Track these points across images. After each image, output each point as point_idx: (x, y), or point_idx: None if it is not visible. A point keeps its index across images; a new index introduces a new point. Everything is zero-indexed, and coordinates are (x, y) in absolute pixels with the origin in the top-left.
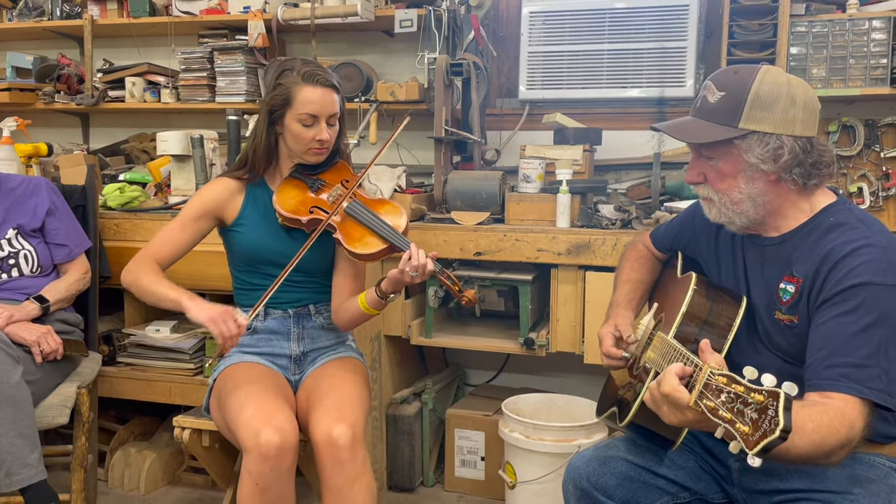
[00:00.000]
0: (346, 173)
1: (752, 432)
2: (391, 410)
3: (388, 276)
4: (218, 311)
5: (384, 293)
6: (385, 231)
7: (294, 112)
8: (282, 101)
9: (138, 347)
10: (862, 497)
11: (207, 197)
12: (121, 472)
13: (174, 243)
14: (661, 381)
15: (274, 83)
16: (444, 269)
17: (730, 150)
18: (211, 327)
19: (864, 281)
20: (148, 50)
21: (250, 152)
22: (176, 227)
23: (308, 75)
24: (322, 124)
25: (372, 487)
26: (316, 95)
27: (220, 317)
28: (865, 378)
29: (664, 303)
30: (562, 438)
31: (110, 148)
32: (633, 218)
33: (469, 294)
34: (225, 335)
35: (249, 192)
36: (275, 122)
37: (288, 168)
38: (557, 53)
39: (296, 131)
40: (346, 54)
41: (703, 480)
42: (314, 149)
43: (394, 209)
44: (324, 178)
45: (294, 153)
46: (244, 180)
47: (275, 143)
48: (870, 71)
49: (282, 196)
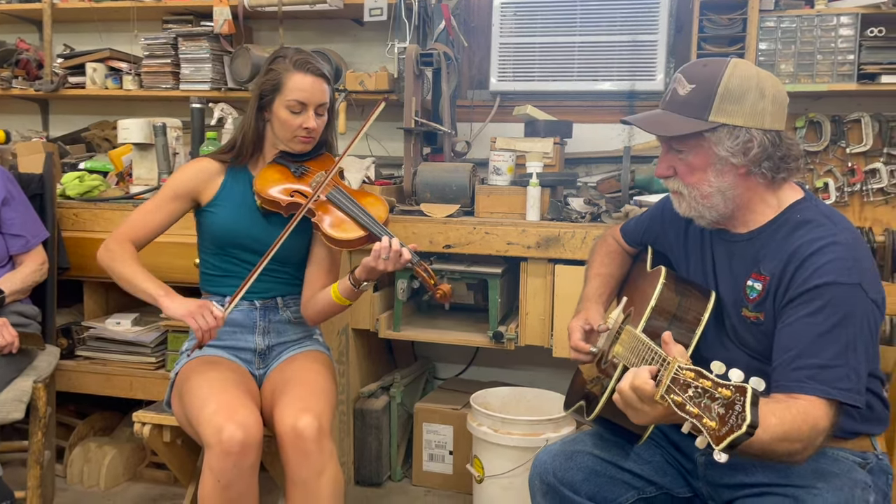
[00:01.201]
0: (330, 165)
1: (718, 427)
2: (359, 404)
3: (362, 262)
4: (195, 305)
5: (357, 280)
6: (365, 220)
7: (283, 98)
8: (271, 87)
9: (98, 341)
10: (826, 491)
11: (186, 176)
12: (80, 468)
13: (150, 223)
14: (634, 375)
15: (266, 69)
16: (422, 262)
17: (700, 144)
18: (189, 321)
19: (830, 280)
20: (110, 35)
21: (238, 137)
22: (152, 206)
23: (300, 63)
24: (310, 113)
25: (338, 480)
26: (306, 83)
27: (198, 311)
28: (833, 378)
29: (633, 297)
30: (530, 432)
31: (71, 136)
32: (602, 211)
33: (444, 288)
34: (203, 328)
35: (229, 174)
36: (264, 108)
37: (272, 155)
38: (529, 45)
39: (283, 118)
40: (314, 43)
41: (669, 475)
42: (300, 137)
43: (376, 200)
44: (308, 166)
45: (280, 141)
46: (226, 163)
47: (262, 130)
48: (837, 67)
49: (263, 178)
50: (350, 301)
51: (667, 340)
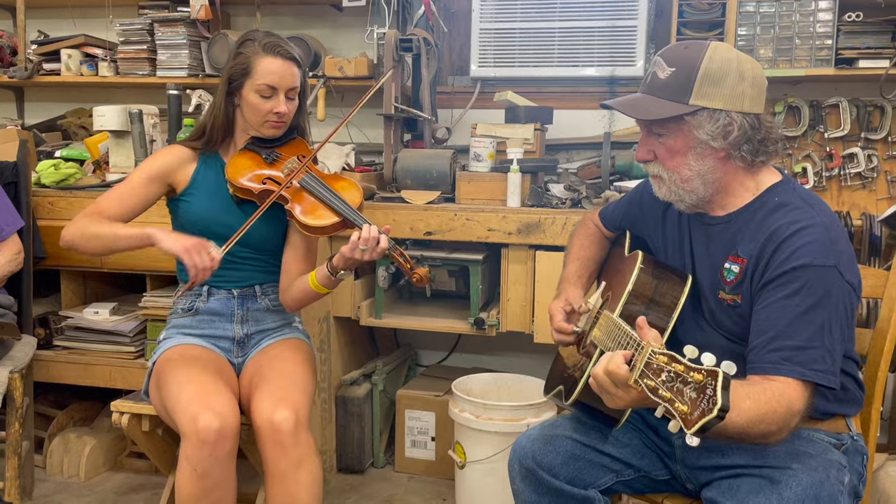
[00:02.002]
0: (303, 149)
1: (690, 411)
2: (340, 392)
3: (340, 251)
4: (192, 242)
5: (335, 269)
6: (338, 206)
7: (253, 82)
8: (241, 71)
9: (76, 330)
10: (801, 472)
11: (160, 161)
12: (60, 458)
13: (122, 205)
14: (609, 360)
15: (235, 52)
16: (397, 247)
17: (680, 127)
18: (185, 258)
19: (807, 263)
20: (85, 21)
21: (209, 122)
22: (124, 190)
23: (269, 46)
24: (280, 97)
25: (317, 472)
26: (276, 66)
27: (195, 247)
28: (808, 360)
29: (612, 281)
30: (511, 418)
31: (46, 123)
32: (583, 197)
33: (421, 272)
34: (199, 266)
35: (202, 162)
36: (233, 92)
37: (243, 141)
38: (509, 31)
39: (253, 102)
40: (292, 28)
41: (647, 458)
42: (271, 121)
43: (349, 185)
44: (280, 152)
45: (251, 126)
46: (198, 150)
47: (232, 115)
48: (815, 52)
49: (235, 166)
50: (328, 289)
51: (641, 325)
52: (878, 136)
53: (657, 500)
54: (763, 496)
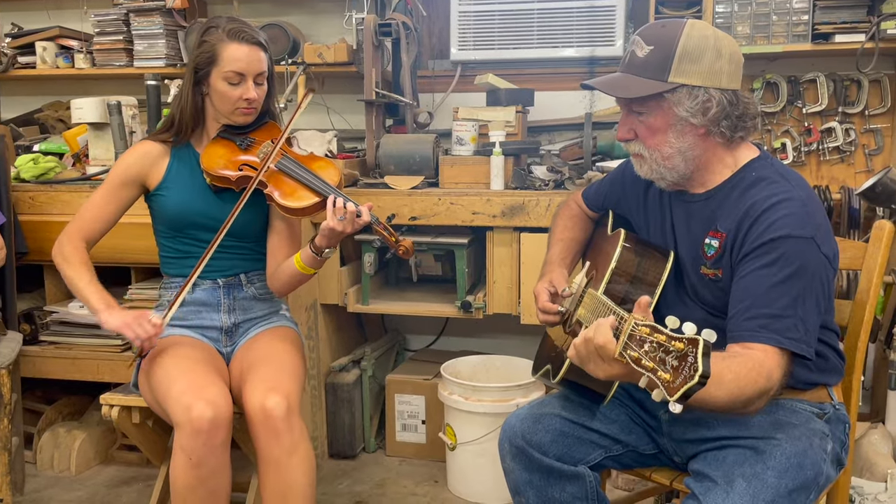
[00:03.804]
0: (276, 133)
1: (672, 379)
2: (330, 379)
3: (320, 228)
4: (132, 316)
5: (318, 248)
6: (317, 185)
7: (220, 70)
8: (207, 60)
9: (62, 325)
10: (784, 441)
11: (129, 162)
12: (50, 453)
13: (101, 217)
14: (595, 332)
15: (199, 41)
16: (380, 221)
17: (660, 105)
18: (126, 332)
19: (784, 234)
20: (59, 13)
21: (176, 114)
22: (100, 199)
23: (234, 32)
24: (249, 83)
25: (310, 457)
26: (242, 53)
27: (135, 321)
28: (783, 328)
29: (596, 260)
30: (500, 399)
31: (23, 117)
32: (566, 178)
33: (406, 244)
34: (142, 337)
35: (174, 155)
36: (200, 81)
37: (215, 130)
38: (488, 13)
39: (222, 90)
40: (270, 15)
41: (635, 433)
42: (241, 108)
43: (326, 164)
44: (253, 137)
45: (221, 114)
46: (168, 143)
47: (201, 105)
48: (792, 28)
49: (209, 155)
50: (314, 269)
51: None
52: (855, 109)
53: (645, 474)
54: (748, 466)
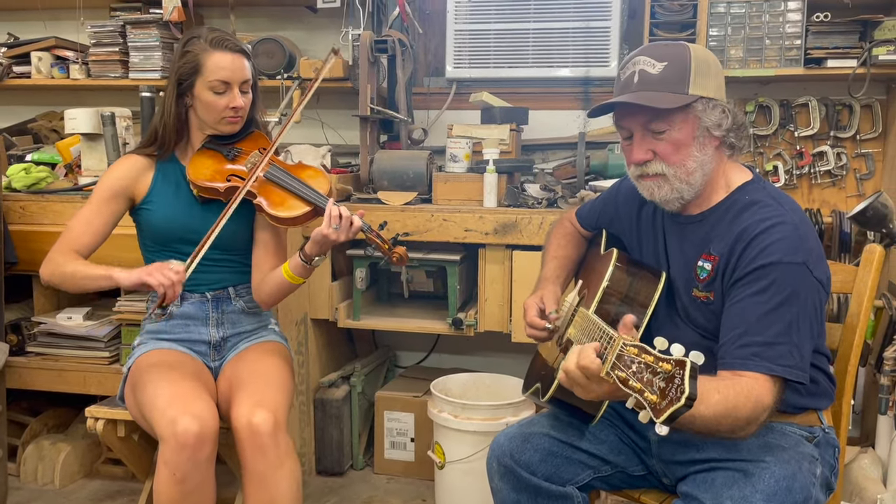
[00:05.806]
0: (262, 142)
1: (659, 401)
2: (319, 394)
3: (312, 235)
4: (153, 266)
5: (308, 256)
6: (307, 194)
7: (204, 80)
8: (190, 70)
9: (49, 336)
10: (774, 464)
11: (115, 175)
12: (34, 466)
13: (91, 230)
14: (580, 355)
15: (181, 52)
16: (373, 228)
17: (687, 117)
18: (149, 280)
19: (776, 260)
20: (55, 23)
21: (160, 127)
22: (89, 213)
23: (216, 41)
24: (235, 91)
25: (296, 473)
26: (226, 61)
27: (156, 269)
28: (776, 356)
29: (588, 279)
30: (490, 417)
31: (17, 127)
32: (559, 197)
33: (400, 251)
34: (165, 284)
35: (159, 168)
36: (184, 93)
37: (200, 141)
38: (484, 32)
39: (207, 100)
40: (266, 30)
41: (624, 453)
42: (228, 117)
43: (316, 173)
44: (240, 147)
45: (206, 124)
46: (153, 157)
47: (185, 116)
48: (784, 52)
49: (196, 166)
50: (303, 278)
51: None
52: (846, 134)
53: (634, 495)
54: (737, 489)
